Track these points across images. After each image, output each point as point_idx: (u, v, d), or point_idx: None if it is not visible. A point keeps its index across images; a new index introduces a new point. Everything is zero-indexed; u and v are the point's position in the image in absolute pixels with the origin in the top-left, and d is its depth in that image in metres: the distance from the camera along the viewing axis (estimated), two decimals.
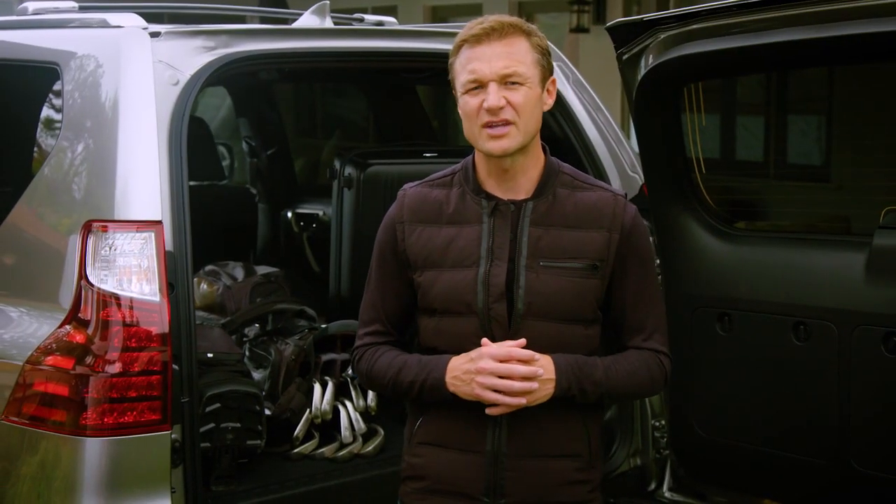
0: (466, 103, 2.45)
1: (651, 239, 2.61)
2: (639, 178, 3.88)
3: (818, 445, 3.32)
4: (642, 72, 3.45)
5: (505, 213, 2.49)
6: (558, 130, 3.93)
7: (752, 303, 3.44)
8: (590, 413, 2.55)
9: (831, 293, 3.26)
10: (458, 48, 2.47)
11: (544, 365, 2.42)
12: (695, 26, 3.30)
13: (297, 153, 6.25)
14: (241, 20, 4.42)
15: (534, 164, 2.52)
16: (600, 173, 3.85)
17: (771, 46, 3.17)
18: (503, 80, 2.42)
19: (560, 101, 3.88)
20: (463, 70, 2.45)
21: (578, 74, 3.99)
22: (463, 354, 2.44)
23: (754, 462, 3.50)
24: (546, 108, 2.53)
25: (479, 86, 2.43)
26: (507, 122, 2.43)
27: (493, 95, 2.42)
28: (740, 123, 5.48)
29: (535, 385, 2.40)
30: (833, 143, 4.58)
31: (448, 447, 2.51)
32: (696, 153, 3.63)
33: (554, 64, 3.85)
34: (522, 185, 2.51)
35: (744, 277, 3.48)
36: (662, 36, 3.37)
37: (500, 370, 2.39)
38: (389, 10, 12.31)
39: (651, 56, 3.42)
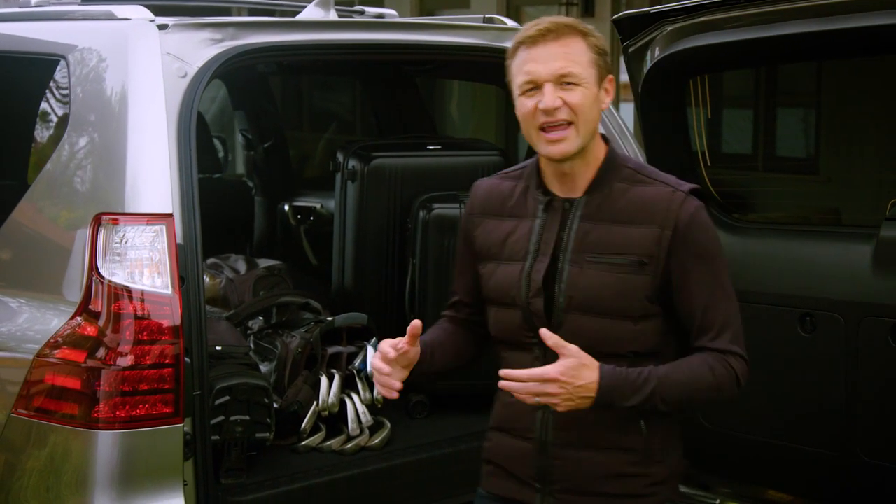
0: (523, 105, 2.45)
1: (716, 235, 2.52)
2: None
3: (824, 436, 3.34)
4: (648, 64, 3.46)
5: (557, 209, 2.52)
6: None
7: (759, 294, 3.45)
8: (651, 413, 2.49)
9: (838, 285, 3.28)
10: (515, 50, 2.48)
11: (582, 375, 2.36)
12: (701, 19, 3.31)
13: (292, 146, 6.24)
14: (227, 12, 4.41)
15: (593, 162, 2.51)
16: None
17: (777, 39, 3.18)
18: (559, 81, 2.42)
19: None
20: (519, 72, 2.46)
21: None
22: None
23: (759, 453, 3.52)
24: (604, 107, 2.51)
25: (535, 87, 2.44)
26: (565, 124, 2.42)
27: (549, 96, 2.42)
28: (746, 116, 5.50)
29: (551, 401, 2.37)
30: (833, 137, 4.61)
31: (507, 433, 2.58)
32: (701, 146, 3.64)
33: None
34: (580, 183, 2.52)
35: (750, 269, 3.49)
36: (669, 28, 3.38)
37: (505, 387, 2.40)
38: (376, 2, 12.29)
39: (657, 49, 3.43)
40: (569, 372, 2.36)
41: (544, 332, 2.40)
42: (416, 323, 2.49)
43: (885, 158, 3.98)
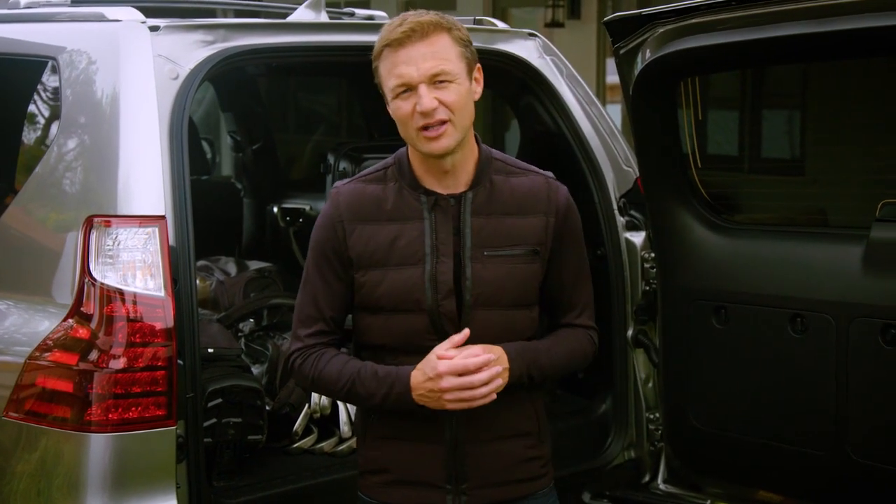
0: (399, 108, 2.46)
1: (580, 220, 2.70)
2: (633, 171, 3.90)
3: (815, 437, 3.35)
4: (639, 66, 3.46)
5: (445, 207, 2.52)
6: (552, 124, 3.95)
7: (749, 295, 3.46)
8: (535, 392, 2.64)
9: (829, 285, 3.29)
10: (380, 52, 2.47)
11: (498, 357, 2.48)
12: (692, 21, 3.31)
13: (281, 147, 6.23)
14: (212, 13, 4.41)
15: (470, 157, 2.55)
16: (594, 166, 3.87)
17: (768, 41, 3.19)
18: (432, 81, 2.43)
19: (554, 94, 3.90)
20: (390, 75, 2.45)
21: (572, 68, 4.01)
22: (418, 370, 2.46)
23: (750, 453, 3.53)
24: (476, 97, 2.54)
25: (409, 89, 2.44)
26: (442, 122, 2.43)
27: (426, 98, 2.42)
28: (736, 118, 5.52)
29: (499, 382, 2.46)
30: (821, 138, 4.63)
31: (406, 439, 2.55)
32: (691, 147, 3.65)
33: (547, 58, 3.95)
34: (461, 177, 2.54)
35: (740, 270, 3.50)
36: (660, 30, 3.38)
37: (463, 384, 2.42)
38: (363, 4, 12.30)
39: (648, 50, 3.43)
40: (490, 350, 2.46)
41: (456, 337, 2.45)
42: (466, 332, 2.48)
43: (871, 160, 4.00)
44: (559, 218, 2.59)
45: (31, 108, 3.42)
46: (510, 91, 4.11)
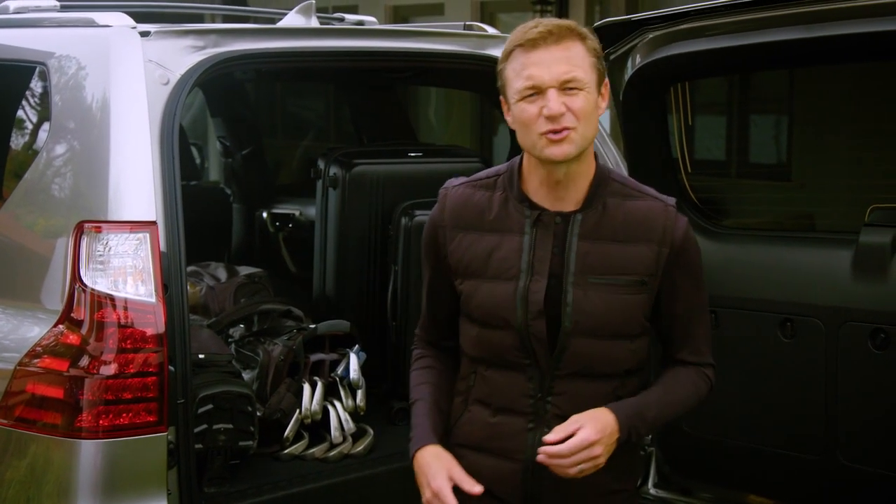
0: (524, 111, 2.36)
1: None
2: None
3: (805, 441, 3.36)
4: (629, 71, 3.48)
5: (548, 224, 2.42)
6: None
7: (739, 300, 3.48)
8: None
9: (818, 290, 3.31)
10: (510, 53, 2.39)
11: (606, 424, 2.34)
12: (682, 26, 3.33)
13: (270, 153, 6.23)
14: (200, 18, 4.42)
15: (586, 173, 2.44)
16: None
17: (759, 47, 3.21)
18: (562, 86, 2.34)
19: None
20: (517, 76, 2.37)
21: None
22: (424, 460, 2.43)
23: (740, 458, 3.54)
24: (601, 112, 2.45)
25: (537, 92, 2.35)
26: (567, 129, 2.35)
27: (554, 102, 2.33)
28: (725, 123, 5.54)
29: (596, 463, 2.34)
30: (808, 143, 4.65)
31: (489, 452, 2.47)
32: (681, 152, 3.67)
33: None
34: (572, 195, 2.43)
35: (730, 275, 3.51)
36: (650, 36, 3.40)
37: None
38: (350, 9, 12.29)
39: (638, 56, 3.44)
40: (598, 427, 2.33)
41: (549, 437, 2.33)
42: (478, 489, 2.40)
43: (859, 165, 4.03)
44: (674, 250, 2.44)
45: (20, 113, 3.41)
46: (499, 96, 4.11)
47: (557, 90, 2.34)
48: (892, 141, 3.75)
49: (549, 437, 2.34)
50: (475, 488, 2.39)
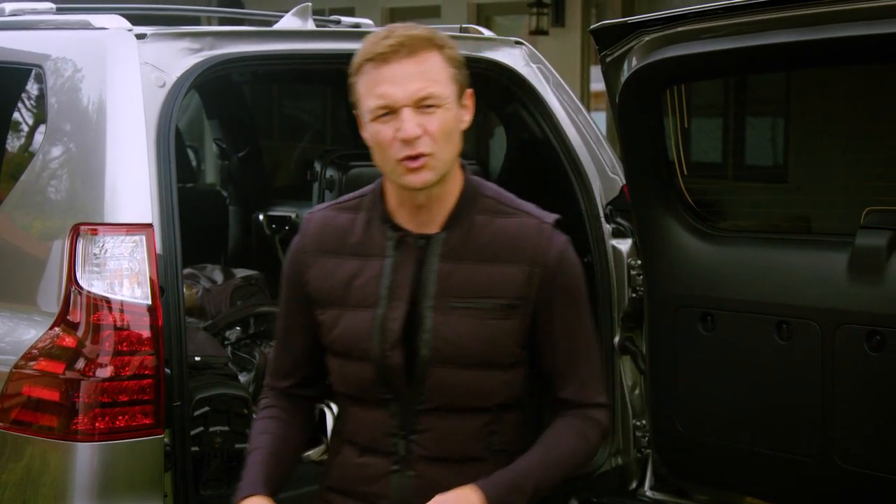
0: (378, 133, 2.14)
1: (582, 274, 2.30)
2: (619, 179, 3.91)
3: (801, 443, 3.36)
4: (625, 74, 3.48)
5: (411, 246, 2.23)
6: (538, 132, 3.95)
7: (735, 302, 3.48)
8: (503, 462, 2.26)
9: (814, 292, 3.31)
10: (360, 67, 2.17)
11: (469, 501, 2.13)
12: (678, 29, 3.33)
13: (266, 155, 6.23)
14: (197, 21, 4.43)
15: (451, 192, 2.23)
16: (581, 174, 3.88)
17: (755, 49, 3.21)
18: (418, 104, 2.12)
19: (540, 102, 3.91)
20: (369, 94, 2.15)
21: (558, 76, 4.02)
22: None
23: (737, 460, 3.54)
24: (464, 125, 2.22)
25: (391, 111, 2.13)
26: (423, 155, 2.13)
27: (409, 123, 2.12)
28: (721, 125, 5.54)
29: None
30: (807, 144, 4.66)
31: (353, 496, 2.30)
32: (677, 155, 3.67)
33: (534, 66, 3.96)
34: (438, 215, 2.23)
35: (726, 277, 3.52)
36: (646, 39, 3.40)
37: None
38: (346, 12, 12.30)
39: (634, 59, 3.45)
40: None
41: None
42: None
43: (855, 167, 4.03)
44: (548, 270, 2.22)
45: (16, 115, 3.41)
46: (496, 99, 4.12)
47: (413, 109, 2.13)
48: (889, 143, 3.75)
49: None
50: None
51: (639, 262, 3.80)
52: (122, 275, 2.93)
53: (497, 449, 2.26)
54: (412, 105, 2.13)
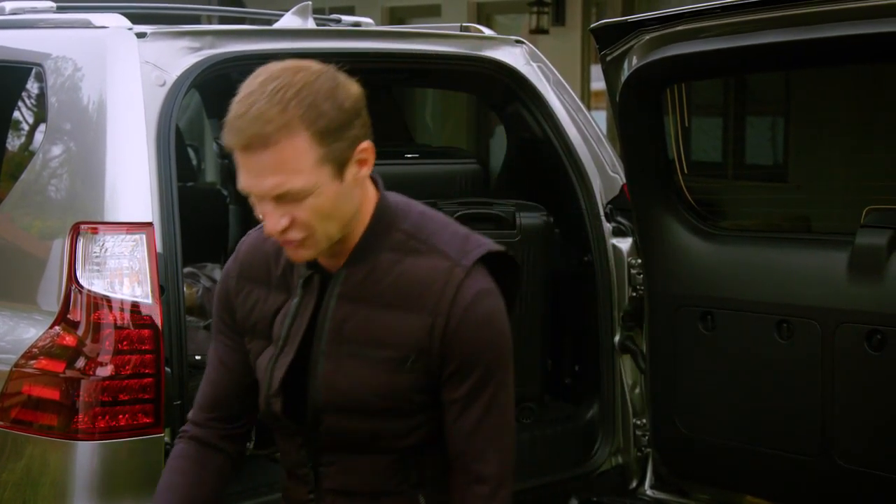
0: (254, 206, 1.94)
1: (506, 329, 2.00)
2: (620, 177, 3.92)
3: (801, 442, 3.37)
4: (625, 73, 3.48)
5: (315, 285, 2.04)
6: (539, 131, 3.96)
7: (735, 301, 3.49)
8: None
9: (814, 291, 3.31)
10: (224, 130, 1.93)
11: None
12: (678, 28, 3.33)
13: None
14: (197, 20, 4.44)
15: (358, 228, 2.00)
16: (581, 173, 3.88)
17: (756, 48, 3.22)
18: (279, 200, 1.88)
19: (540, 101, 3.91)
20: (236, 167, 1.92)
21: (559, 75, 4.02)
22: None
23: (737, 459, 3.54)
24: (361, 178, 1.96)
25: (256, 195, 1.92)
26: (294, 241, 1.93)
27: (269, 220, 1.90)
28: (721, 125, 5.54)
29: None
30: (806, 143, 4.66)
31: None
32: (677, 154, 3.67)
33: (534, 65, 3.96)
34: (347, 250, 2.02)
35: (727, 276, 3.52)
36: (646, 38, 3.40)
37: None
38: (347, 11, 12.31)
39: (635, 58, 3.45)
40: None
41: None
42: None
43: (855, 167, 4.04)
44: (451, 324, 1.94)
45: (16, 114, 3.41)
46: (497, 98, 4.13)
47: (275, 203, 1.89)
48: (888, 142, 3.76)
49: None
50: None
51: (639, 261, 3.80)
52: (123, 274, 2.92)
53: (416, 483, 2.06)
54: (272, 199, 1.89)
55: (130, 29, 3.17)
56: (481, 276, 1.99)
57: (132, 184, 2.99)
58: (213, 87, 5.34)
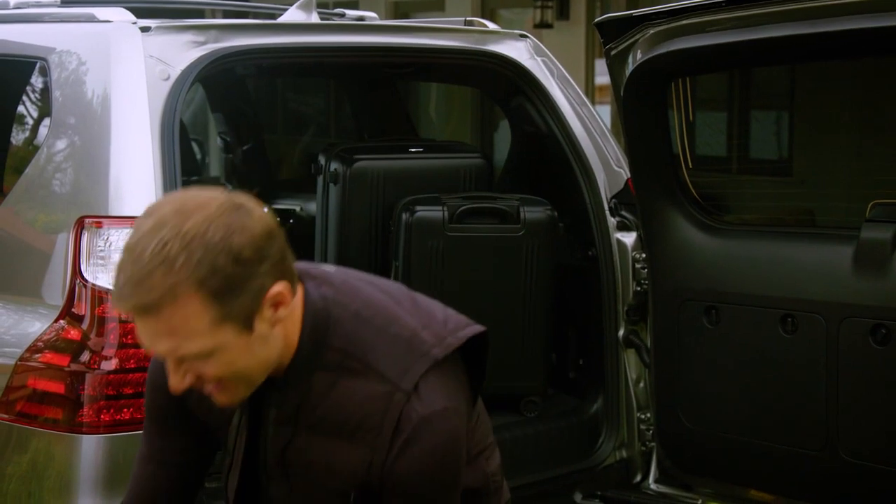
0: None
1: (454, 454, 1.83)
2: (624, 172, 3.91)
3: (806, 436, 3.36)
4: (630, 67, 3.47)
5: (251, 405, 1.89)
6: (543, 125, 3.95)
7: (740, 296, 3.48)
8: None
9: (819, 286, 3.31)
10: None
11: None
12: (684, 21, 3.32)
13: (270, 148, 6.24)
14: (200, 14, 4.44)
15: (289, 351, 1.82)
16: (585, 167, 3.87)
17: (761, 42, 3.21)
18: (180, 362, 1.73)
19: (545, 96, 3.91)
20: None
21: (563, 69, 4.01)
22: None
23: (741, 453, 3.54)
24: (279, 319, 1.75)
25: None
26: (211, 391, 1.78)
27: (172, 378, 1.74)
28: (726, 119, 5.54)
29: None
30: (812, 138, 4.65)
31: None
32: (682, 148, 3.67)
33: (538, 59, 3.95)
34: (281, 369, 1.85)
35: (731, 271, 3.52)
36: (651, 31, 3.39)
37: None
38: (351, 5, 12.31)
39: (640, 51, 3.44)
40: None
41: None
42: None
43: (860, 161, 4.03)
44: (391, 457, 1.76)
45: (21, 109, 3.41)
46: (501, 92, 4.12)
47: (176, 363, 1.73)
48: (894, 136, 3.75)
49: None
50: None
51: (643, 255, 3.80)
52: None
53: None
54: (173, 360, 1.74)
55: (134, 23, 3.17)
56: (427, 392, 1.78)
57: (136, 178, 2.99)
58: (217, 81, 5.36)
